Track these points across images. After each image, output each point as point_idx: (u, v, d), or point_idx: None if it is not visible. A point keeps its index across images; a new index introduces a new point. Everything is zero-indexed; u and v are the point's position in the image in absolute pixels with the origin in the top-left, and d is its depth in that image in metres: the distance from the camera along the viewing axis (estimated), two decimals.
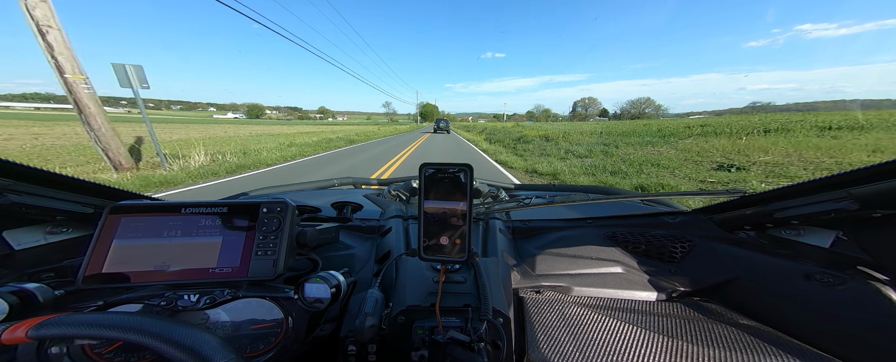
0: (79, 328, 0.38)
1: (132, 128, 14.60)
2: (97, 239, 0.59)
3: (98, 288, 0.58)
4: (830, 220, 0.64)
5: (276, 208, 0.66)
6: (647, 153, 10.52)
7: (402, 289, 0.64)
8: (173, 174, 7.19)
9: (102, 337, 0.38)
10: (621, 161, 9.34)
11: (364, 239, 0.96)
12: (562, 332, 0.61)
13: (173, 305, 0.57)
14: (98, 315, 0.40)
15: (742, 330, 0.61)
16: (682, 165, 8.37)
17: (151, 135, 7.73)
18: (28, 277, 0.62)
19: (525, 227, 1.01)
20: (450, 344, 0.49)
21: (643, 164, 8.62)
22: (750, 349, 0.56)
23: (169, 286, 0.60)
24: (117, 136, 7.08)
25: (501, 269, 0.72)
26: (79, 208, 0.68)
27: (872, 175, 0.54)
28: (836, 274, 0.62)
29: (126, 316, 0.39)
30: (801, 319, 0.62)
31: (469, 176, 0.53)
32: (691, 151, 10.11)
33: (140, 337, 0.37)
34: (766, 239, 0.77)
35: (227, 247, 0.62)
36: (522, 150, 13.41)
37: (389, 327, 0.59)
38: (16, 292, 0.49)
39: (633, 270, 0.81)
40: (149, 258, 0.59)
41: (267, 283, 0.62)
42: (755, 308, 0.69)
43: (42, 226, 0.68)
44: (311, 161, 10.48)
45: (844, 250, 0.63)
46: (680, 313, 0.68)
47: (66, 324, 0.38)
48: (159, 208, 0.63)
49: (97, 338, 0.38)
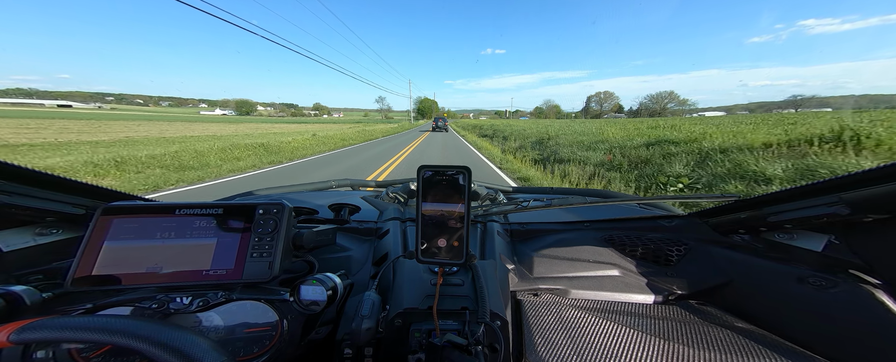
0: (63, 331, 0.37)
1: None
2: (88, 240, 0.58)
3: (88, 291, 0.57)
4: (823, 224, 0.65)
5: (272, 209, 0.65)
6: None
7: (400, 292, 0.64)
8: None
9: (88, 341, 0.37)
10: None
11: (361, 241, 0.96)
12: (559, 335, 0.61)
13: (165, 308, 0.56)
14: (83, 318, 0.39)
15: (737, 333, 0.61)
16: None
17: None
18: (15, 279, 0.60)
19: (523, 230, 1.01)
20: (447, 347, 0.49)
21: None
22: (745, 351, 0.56)
23: (161, 288, 0.59)
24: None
25: (499, 272, 0.72)
26: (70, 209, 0.67)
27: (863, 180, 0.55)
28: (828, 278, 0.62)
29: (113, 319, 0.38)
30: (795, 322, 0.63)
31: (467, 178, 0.53)
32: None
33: (128, 341, 0.36)
34: (760, 242, 0.78)
35: (222, 248, 0.61)
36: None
37: (386, 330, 0.58)
38: (2, 295, 0.48)
39: (630, 273, 0.82)
40: (141, 260, 0.58)
41: (262, 285, 0.61)
42: (750, 310, 0.70)
43: (32, 227, 0.67)
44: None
45: (836, 254, 0.64)
46: (676, 316, 0.68)
47: (49, 328, 0.37)
48: (153, 209, 0.63)
49: (83, 342, 0.37)
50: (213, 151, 10.94)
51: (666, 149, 8.63)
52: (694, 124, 14.69)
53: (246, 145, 12.41)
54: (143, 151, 10.27)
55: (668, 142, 9.14)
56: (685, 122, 16.54)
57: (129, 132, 21.54)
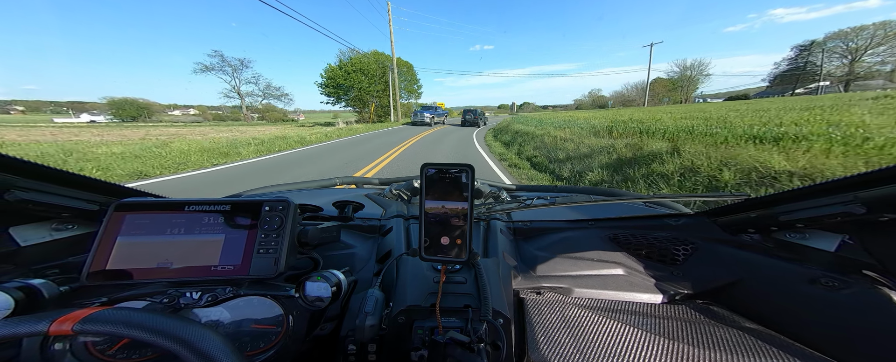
0: (122, 327, 0.38)
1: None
2: (101, 236, 0.60)
3: (101, 285, 0.59)
4: (836, 224, 0.64)
5: (278, 206, 0.66)
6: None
7: (403, 289, 0.64)
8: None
9: (142, 340, 0.38)
10: None
11: (365, 238, 0.97)
12: (562, 333, 0.61)
13: (176, 302, 0.57)
14: (144, 315, 0.40)
15: (745, 333, 0.61)
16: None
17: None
18: (33, 273, 0.63)
19: (526, 228, 1.01)
20: (450, 345, 0.49)
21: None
22: (753, 352, 0.56)
23: (171, 283, 0.60)
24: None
25: (502, 270, 0.72)
26: (84, 205, 0.69)
27: (880, 178, 0.53)
28: (841, 278, 0.61)
29: (177, 323, 0.40)
30: (806, 322, 0.62)
31: (470, 176, 0.53)
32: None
33: (178, 348, 0.37)
34: (770, 242, 0.76)
35: (230, 244, 0.62)
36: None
37: (389, 327, 0.59)
38: (21, 288, 0.49)
39: (635, 272, 0.81)
40: (152, 255, 0.60)
41: (268, 282, 0.62)
42: (758, 311, 0.68)
43: (48, 222, 0.69)
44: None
45: (850, 254, 0.62)
46: (682, 315, 0.68)
47: (111, 322, 0.38)
48: (163, 206, 0.64)
49: (137, 339, 0.38)
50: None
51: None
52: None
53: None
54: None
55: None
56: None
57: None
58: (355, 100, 37.67)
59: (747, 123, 7.63)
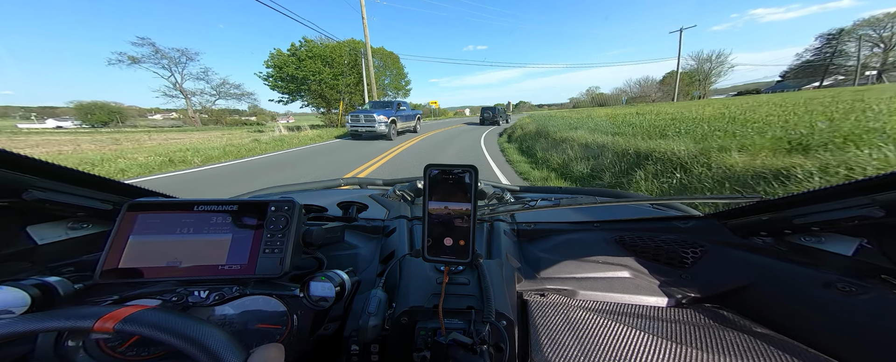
0: (161, 332, 0.40)
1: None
2: (115, 235, 0.61)
3: (113, 283, 0.60)
4: (854, 227, 0.62)
5: (284, 207, 0.67)
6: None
7: (406, 290, 0.64)
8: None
9: (175, 346, 0.39)
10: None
11: (369, 239, 0.97)
12: (566, 336, 0.60)
13: (184, 301, 0.59)
14: (183, 319, 0.42)
15: (756, 338, 0.59)
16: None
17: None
18: (49, 271, 0.64)
19: (530, 230, 1.00)
20: (452, 346, 0.49)
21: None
22: (764, 357, 0.54)
23: (180, 282, 0.61)
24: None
25: (505, 272, 0.72)
26: (99, 205, 0.71)
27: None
28: (858, 283, 0.59)
29: (211, 332, 0.41)
30: (820, 328, 0.60)
31: (474, 177, 0.53)
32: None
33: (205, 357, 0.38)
34: (783, 245, 0.74)
35: (236, 244, 0.63)
36: None
37: (392, 327, 0.59)
38: (38, 285, 0.51)
39: (642, 275, 0.79)
40: (162, 254, 0.61)
41: (273, 281, 0.63)
42: (770, 315, 0.67)
43: (64, 221, 0.71)
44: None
45: (868, 258, 0.60)
46: (690, 319, 0.66)
47: (152, 326, 0.40)
48: (174, 206, 0.65)
49: (171, 345, 0.40)
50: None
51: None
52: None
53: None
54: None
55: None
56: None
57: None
58: (315, 98, 27.65)
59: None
